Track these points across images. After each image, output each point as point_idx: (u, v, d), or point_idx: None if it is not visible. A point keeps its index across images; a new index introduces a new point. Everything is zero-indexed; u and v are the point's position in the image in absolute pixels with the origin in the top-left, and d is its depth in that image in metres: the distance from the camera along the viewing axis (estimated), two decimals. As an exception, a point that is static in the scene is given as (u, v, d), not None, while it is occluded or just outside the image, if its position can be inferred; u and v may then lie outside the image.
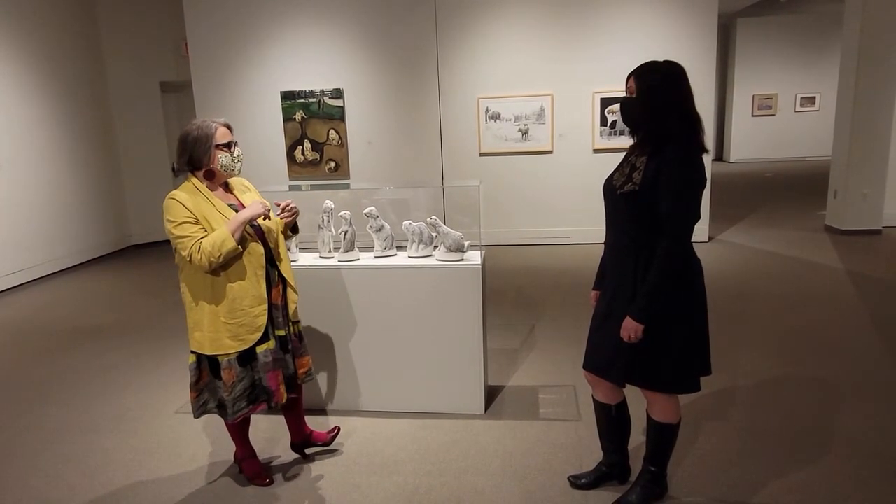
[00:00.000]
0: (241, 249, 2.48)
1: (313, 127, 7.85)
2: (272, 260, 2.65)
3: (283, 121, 7.87)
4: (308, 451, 3.07)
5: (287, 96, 7.80)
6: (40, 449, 3.28)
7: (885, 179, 7.26)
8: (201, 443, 3.26)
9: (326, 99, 7.75)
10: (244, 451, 2.87)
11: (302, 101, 7.79)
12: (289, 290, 2.72)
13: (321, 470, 2.95)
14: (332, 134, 7.84)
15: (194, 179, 2.56)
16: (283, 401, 2.65)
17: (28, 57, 7.10)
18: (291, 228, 2.88)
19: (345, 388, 3.47)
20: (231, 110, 7.83)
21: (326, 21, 7.67)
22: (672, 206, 2.15)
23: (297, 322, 2.82)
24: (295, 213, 2.79)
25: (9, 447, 3.32)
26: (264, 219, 2.61)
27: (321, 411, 3.48)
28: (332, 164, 7.92)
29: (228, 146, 2.55)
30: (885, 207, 7.38)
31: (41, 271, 7.16)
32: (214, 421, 3.43)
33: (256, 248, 2.55)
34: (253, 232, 2.56)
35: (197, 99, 8.00)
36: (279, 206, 2.77)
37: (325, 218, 3.39)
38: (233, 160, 2.56)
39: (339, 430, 3.12)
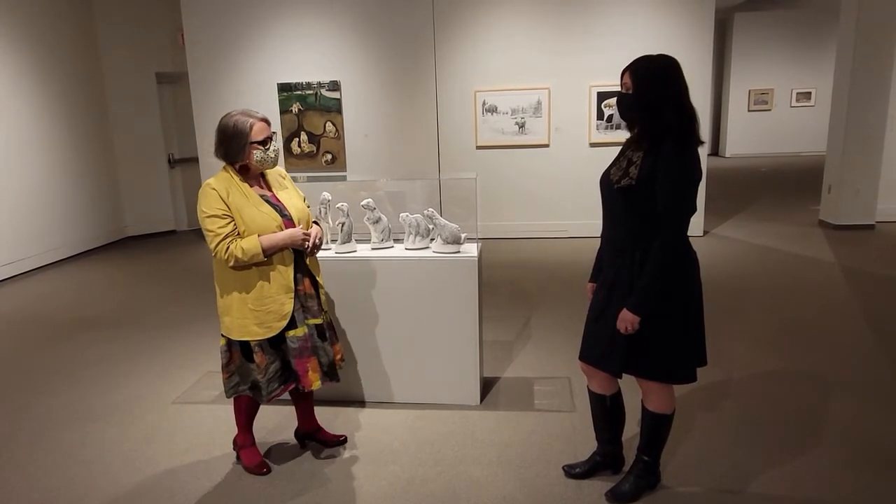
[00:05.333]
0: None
1: (310, 119, 7.84)
2: (301, 251, 2.68)
3: (280, 113, 7.85)
4: (308, 442, 3.09)
5: (284, 88, 7.79)
6: (37, 439, 3.29)
7: (879, 175, 7.30)
8: (198, 432, 3.28)
9: (323, 91, 7.74)
10: (245, 438, 2.89)
11: (299, 93, 7.78)
12: (318, 281, 2.77)
13: (318, 459, 2.97)
14: (329, 126, 7.83)
15: (230, 169, 2.59)
16: (313, 387, 2.68)
17: (23, 48, 7.05)
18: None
19: (341, 379, 3.47)
20: (227, 102, 7.80)
21: (323, 13, 7.64)
22: (669, 199, 2.17)
23: (326, 311, 2.84)
24: (320, 246, 2.75)
25: (5, 437, 3.32)
26: (304, 246, 2.62)
27: (320, 401, 3.48)
28: (329, 156, 7.91)
29: (263, 142, 2.56)
30: (879, 203, 7.42)
31: (36, 262, 7.14)
32: (212, 411, 3.46)
33: None
34: (283, 222, 2.59)
35: (193, 90, 7.97)
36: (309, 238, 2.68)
37: (322, 210, 3.40)
38: (266, 156, 2.58)
39: (346, 439, 3.11)
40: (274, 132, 2.64)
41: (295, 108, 7.82)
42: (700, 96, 7.27)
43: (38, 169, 7.25)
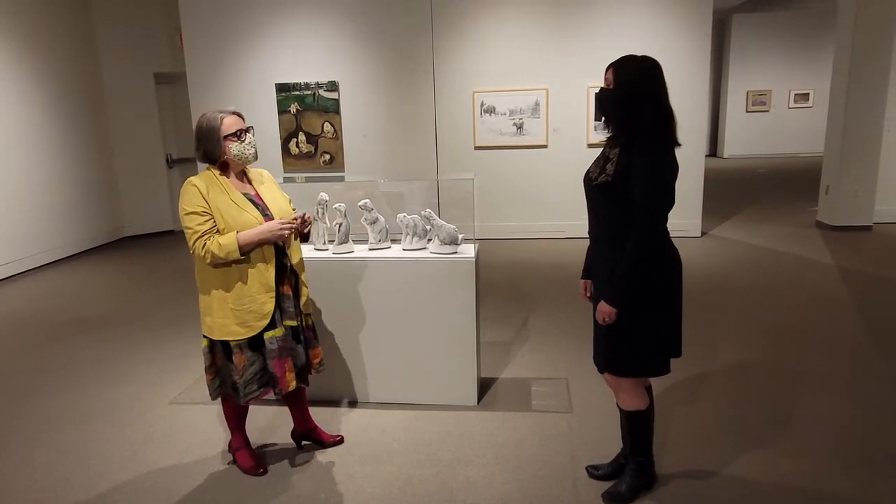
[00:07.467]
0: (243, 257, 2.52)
1: (308, 119, 7.84)
2: (283, 250, 2.67)
3: (278, 113, 7.85)
4: (305, 443, 3.09)
5: (282, 88, 7.79)
6: (35, 439, 3.29)
7: (877, 176, 7.31)
8: (196, 433, 3.28)
9: (321, 91, 7.74)
10: (239, 440, 2.89)
11: (297, 93, 7.78)
12: (300, 282, 2.75)
13: (315, 460, 2.97)
14: (327, 126, 7.84)
15: (213, 169, 2.60)
16: (290, 388, 2.67)
17: (21, 48, 7.05)
18: (303, 238, 2.83)
19: (339, 379, 3.49)
20: (226, 102, 7.80)
21: (322, 13, 7.64)
22: (643, 193, 2.20)
23: (309, 314, 2.83)
24: (309, 223, 2.77)
25: (3, 438, 3.32)
26: (283, 237, 2.60)
27: (316, 402, 3.49)
28: (327, 156, 7.92)
29: (237, 135, 2.56)
30: (876, 204, 7.44)
31: (34, 262, 7.14)
32: (209, 412, 3.46)
33: None
34: (264, 220, 2.58)
35: (191, 91, 7.96)
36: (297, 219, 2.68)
37: (319, 210, 3.41)
38: (244, 148, 2.58)
39: (342, 439, 3.12)
40: (250, 126, 2.62)
41: (293, 108, 7.82)
42: (698, 97, 7.29)
43: (37, 168, 7.24)
